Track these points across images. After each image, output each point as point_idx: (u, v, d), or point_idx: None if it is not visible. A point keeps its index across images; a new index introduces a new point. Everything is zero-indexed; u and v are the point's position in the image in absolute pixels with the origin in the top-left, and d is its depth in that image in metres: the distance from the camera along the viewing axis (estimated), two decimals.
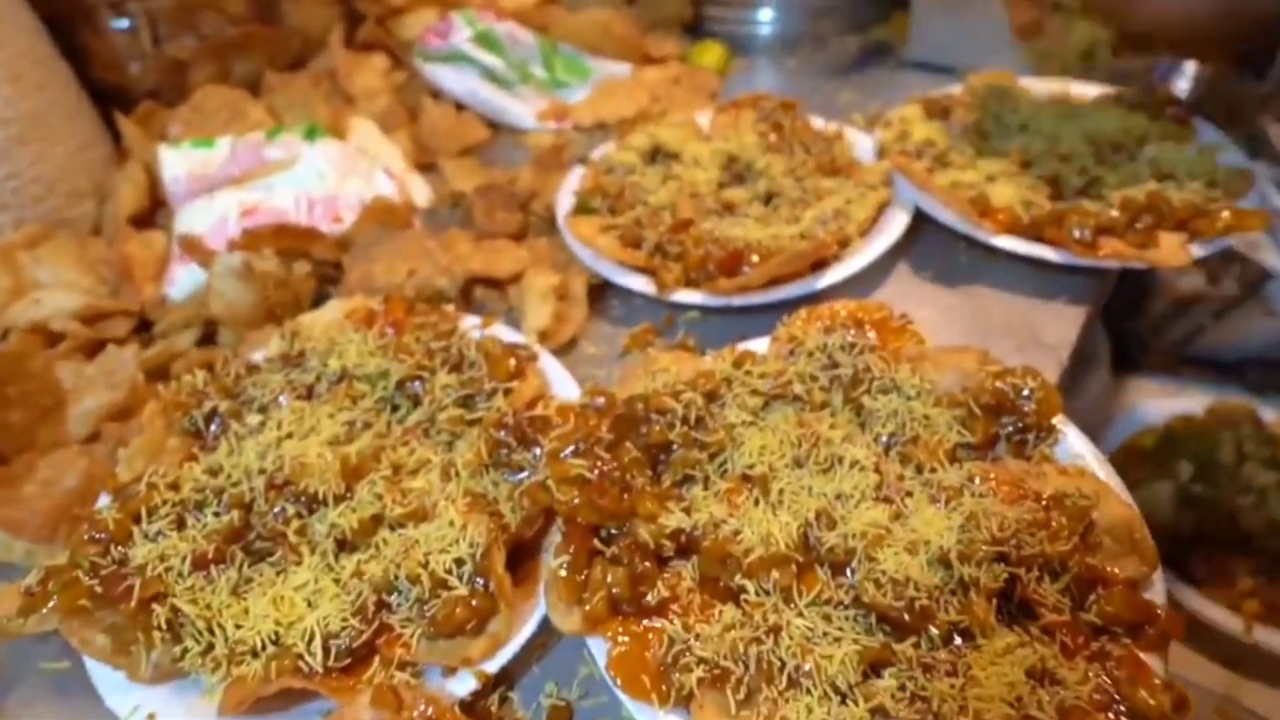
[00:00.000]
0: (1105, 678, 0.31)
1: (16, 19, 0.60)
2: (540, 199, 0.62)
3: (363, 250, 0.55)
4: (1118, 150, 0.57)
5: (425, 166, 0.69)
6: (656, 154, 0.62)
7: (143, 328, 0.56)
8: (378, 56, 0.78)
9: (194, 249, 0.53)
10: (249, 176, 0.60)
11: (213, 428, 0.42)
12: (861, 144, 0.61)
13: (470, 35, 0.73)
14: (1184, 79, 0.71)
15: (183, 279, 0.55)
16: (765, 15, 0.85)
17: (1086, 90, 0.63)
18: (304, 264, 0.51)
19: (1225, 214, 0.50)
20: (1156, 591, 0.34)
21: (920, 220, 0.54)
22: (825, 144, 0.61)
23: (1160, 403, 0.77)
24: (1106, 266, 0.49)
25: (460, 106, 0.75)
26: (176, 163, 0.61)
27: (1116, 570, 0.34)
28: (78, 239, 0.60)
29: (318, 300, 0.53)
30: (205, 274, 0.54)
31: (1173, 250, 0.49)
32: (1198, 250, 0.49)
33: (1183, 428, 0.74)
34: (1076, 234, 0.49)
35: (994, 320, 0.49)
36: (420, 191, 0.65)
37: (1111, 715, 0.30)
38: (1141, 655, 0.32)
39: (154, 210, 0.65)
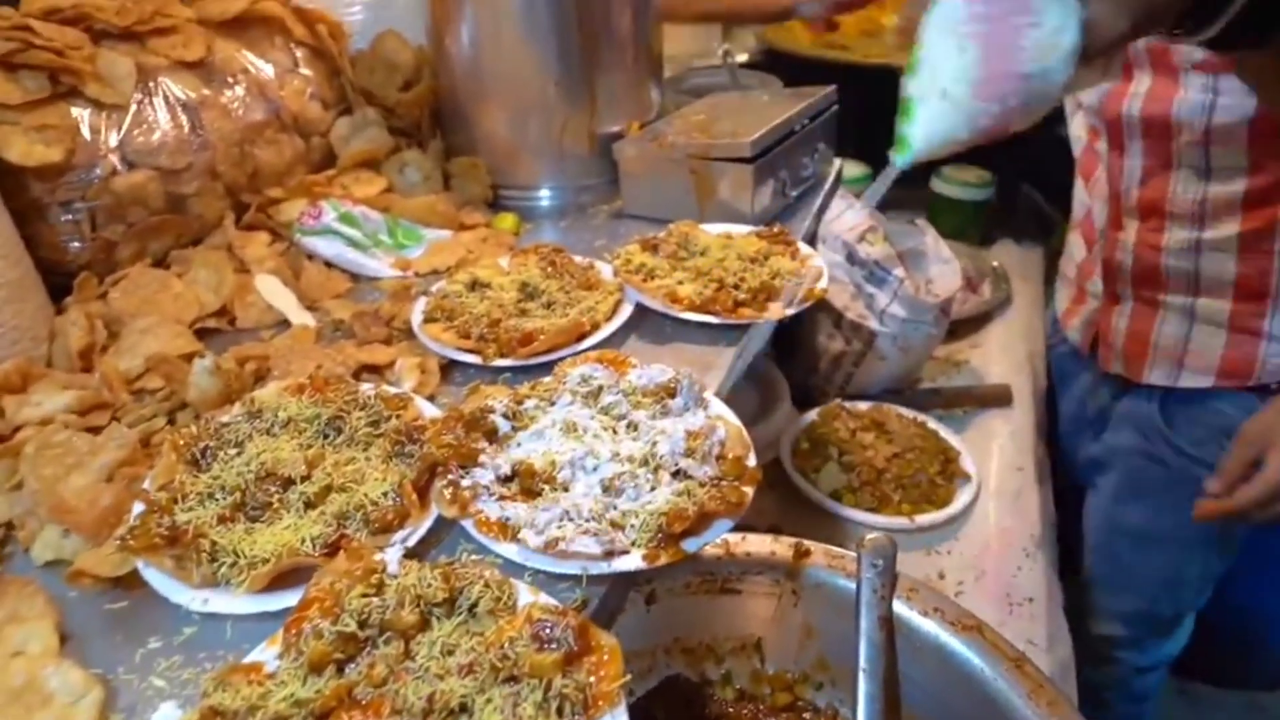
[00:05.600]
0: None
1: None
2: (398, 319, 0.91)
3: (283, 361, 0.82)
4: (753, 261, 0.95)
5: (309, 308, 0.97)
6: (475, 284, 0.93)
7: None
8: (261, 233, 1.06)
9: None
10: None
11: (205, 459, 0.66)
12: (605, 269, 0.95)
13: (336, 216, 1.03)
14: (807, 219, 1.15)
15: None
16: (544, 194, 1.22)
17: (738, 229, 1.03)
18: (249, 365, 0.77)
19: (805, 290, 0.89)
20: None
21: (642, 309, 0.88)
22: (583, 271, 0.95)
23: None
24: (740, 322, 0.85)
25: (330, 265, 1.04)
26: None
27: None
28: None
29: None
30: None
31: (776, 310, 0.87)
32: (789, 310, 0.87)
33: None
34: (726, 306, 0.86)
35: (686, 357, 0.82)
36: (310, 324, 0.92)
37: None
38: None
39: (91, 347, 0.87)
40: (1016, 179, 1.89)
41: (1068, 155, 1.21)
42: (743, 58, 1.91)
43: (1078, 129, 1.12)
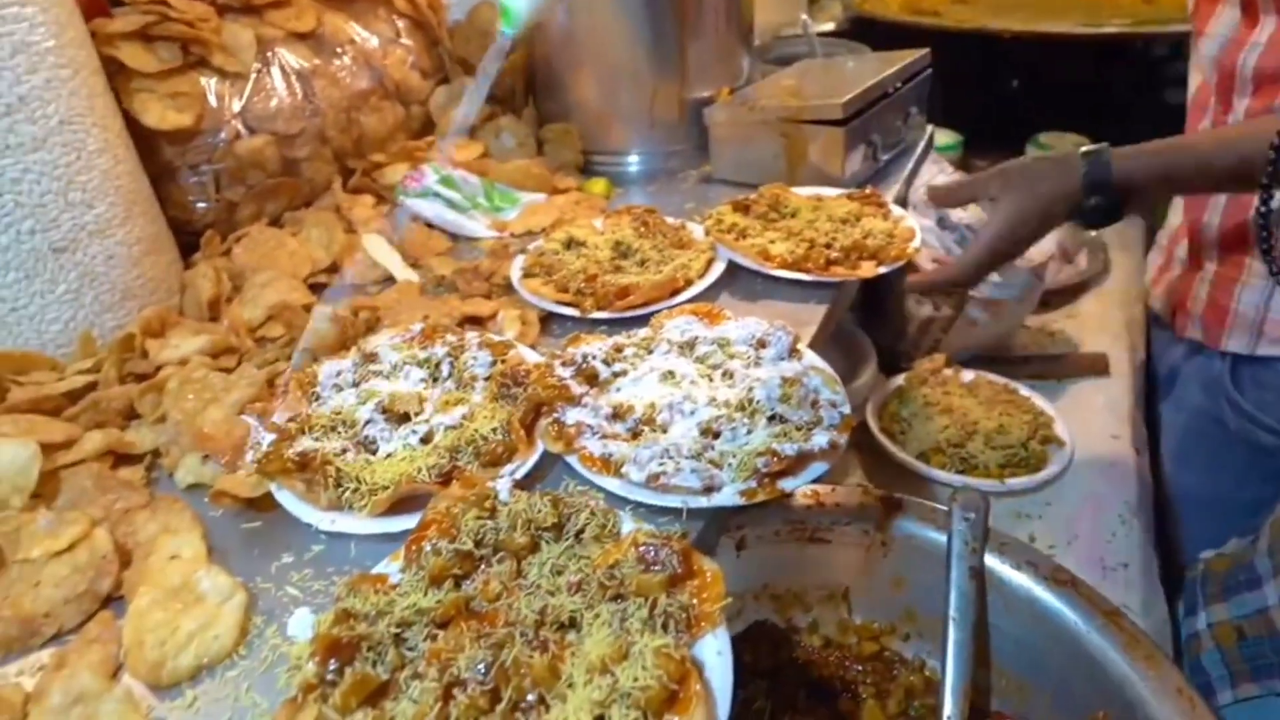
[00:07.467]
0: None
1: (139, 175, 0.90)
2: (497, 275, 0.95)
3: (392, 312, 0.86)
4: (844, 223, 0.95)
5: (412, 265, 1.02)
6: (571, 243, 0.96)
7: None
8: (366, 196, 1.12)
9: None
10: None
11: (326, 394, 0.71)
12: (696, 230, 0.97)
13: (436, 179, 1.07)
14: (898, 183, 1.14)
15: None
16: (634, 159, 1.24)
17: (829, 191, 1.03)
18: (362, 314, 0.82)
19: (897, 249, 0.89)
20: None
21: (733, 267, 0.90)
22: (675, 231, 0.97)
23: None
24: (834, 280, 0.86)
25: (430, 226, 1.09)
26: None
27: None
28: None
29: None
30: None
31: (869, 269, 0.87)
32: (882, 269, 0.87)
33: None
34: (818, 264, 0.86)
35: (777, 313, 0.83)
36: (414, 279, 0.97)
37: None
38: None
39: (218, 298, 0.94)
40: (1118, 146, 1.81)
41: (1172, 122, 1.15)
42: (829, 26, 1.89)
43: (1194, 83, 1.06)
